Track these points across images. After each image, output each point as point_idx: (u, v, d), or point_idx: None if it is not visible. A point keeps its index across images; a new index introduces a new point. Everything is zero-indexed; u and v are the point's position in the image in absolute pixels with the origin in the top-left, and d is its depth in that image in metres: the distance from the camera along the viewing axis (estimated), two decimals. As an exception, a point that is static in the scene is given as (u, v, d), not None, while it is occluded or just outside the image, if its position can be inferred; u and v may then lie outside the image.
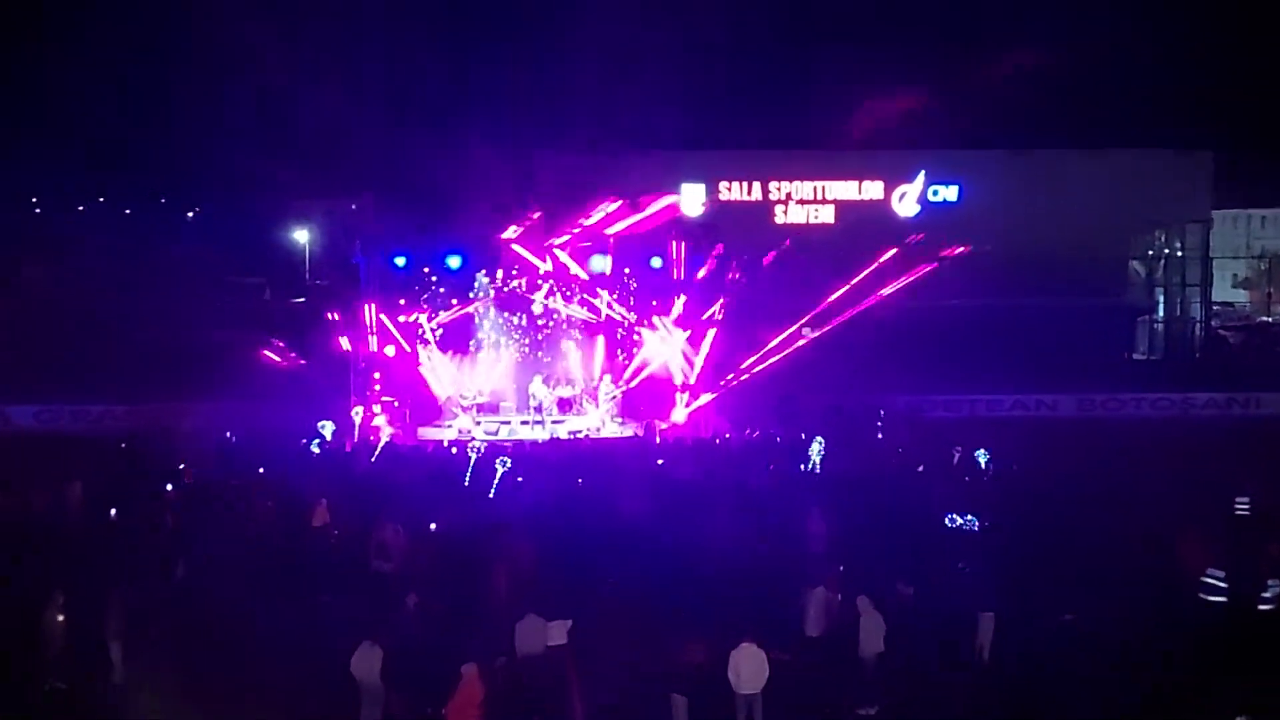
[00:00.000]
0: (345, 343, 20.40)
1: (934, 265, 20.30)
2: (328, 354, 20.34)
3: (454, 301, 21.11)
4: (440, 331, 21.09)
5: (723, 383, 20.25)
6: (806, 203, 27.17)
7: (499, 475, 13.69)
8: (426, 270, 20.70)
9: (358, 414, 19.03)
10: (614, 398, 21.27)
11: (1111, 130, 28.16)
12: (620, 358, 21.77)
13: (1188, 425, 21.01)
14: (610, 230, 20.47)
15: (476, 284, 21.35)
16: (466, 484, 13.85)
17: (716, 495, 12.60)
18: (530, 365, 22.03)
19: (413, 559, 10.88)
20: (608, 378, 21.48)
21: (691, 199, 26.63)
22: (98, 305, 23.65)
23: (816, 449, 15.44)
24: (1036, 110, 28.05)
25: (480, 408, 21.10)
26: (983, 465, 14.79)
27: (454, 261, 20.52)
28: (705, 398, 20.34)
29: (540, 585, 9.76)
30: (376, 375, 20.21)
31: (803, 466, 15.22)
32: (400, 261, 20.32)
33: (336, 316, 20.57)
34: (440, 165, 23.55)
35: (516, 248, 20.35)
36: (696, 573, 10.03)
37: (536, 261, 20.43)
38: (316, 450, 16.44)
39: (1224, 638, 8.87)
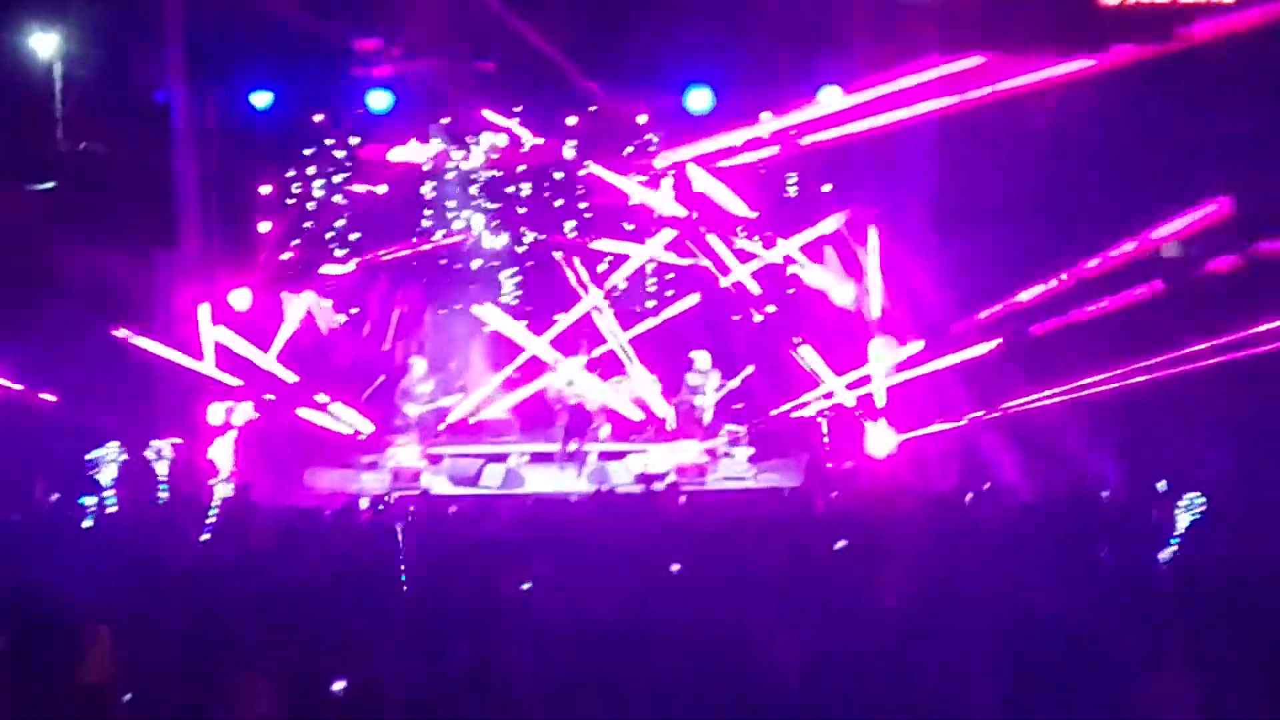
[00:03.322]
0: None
1: None
2: (101, 306, 20.85)
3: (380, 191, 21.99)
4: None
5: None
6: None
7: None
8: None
9: (157, 448, 19.33)
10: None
11: None
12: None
13: None
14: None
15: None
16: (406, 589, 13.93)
17: (967, 626, 12.38)
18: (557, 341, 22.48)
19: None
20: (712, 373, 21.68)
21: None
22: None
23: (1187, 515, 15.44)
24: None
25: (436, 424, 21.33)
26: None
27: (379, 100, 20.93)
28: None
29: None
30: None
31: (1164, 554, 15.17)
32: (262, 101, 21.07)
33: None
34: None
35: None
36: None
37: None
38: (92, 518, 16.70)
39: None
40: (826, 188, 23.04)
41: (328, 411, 21.64)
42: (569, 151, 23.16)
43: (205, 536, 16.00)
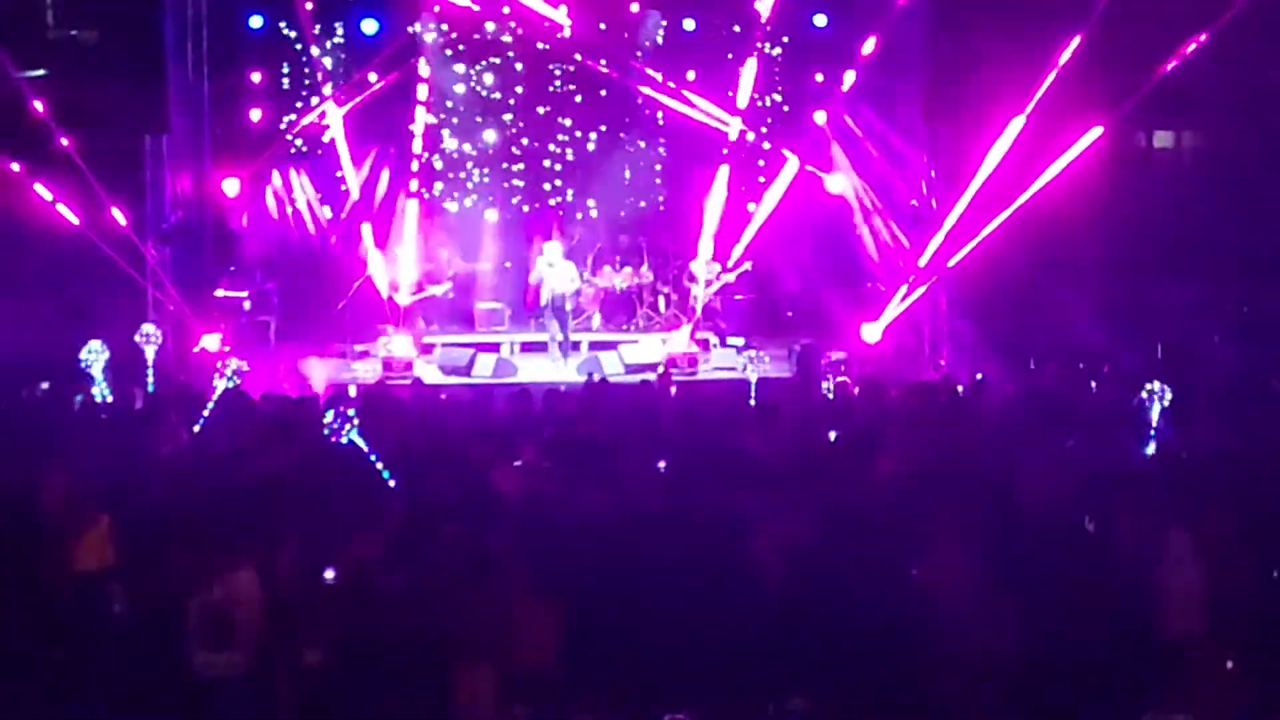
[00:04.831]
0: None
1: None
2: (88, 194, 20.37)
3: (373, 78, 21.90)
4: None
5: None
6: None
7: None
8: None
9: (149, 335, 19.09)
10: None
11: None
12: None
13: None
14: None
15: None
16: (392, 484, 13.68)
17: (958, 516, 12.30)
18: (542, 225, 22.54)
19: (280, 642, 10.76)
20: (711, 264, 21.73)
21: None
22: None
23: (1158, 403, 15.44)
24: None
25: (428, 311, 21.37)
26: None
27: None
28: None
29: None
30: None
31: (1150, 444, 15.14)
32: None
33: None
34: None
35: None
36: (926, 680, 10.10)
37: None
38: (82, 406, 16.66)
39: None
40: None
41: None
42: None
43: (198, 427, 15.91)
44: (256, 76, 22.33)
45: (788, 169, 22.10)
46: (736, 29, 22.97)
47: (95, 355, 17.31)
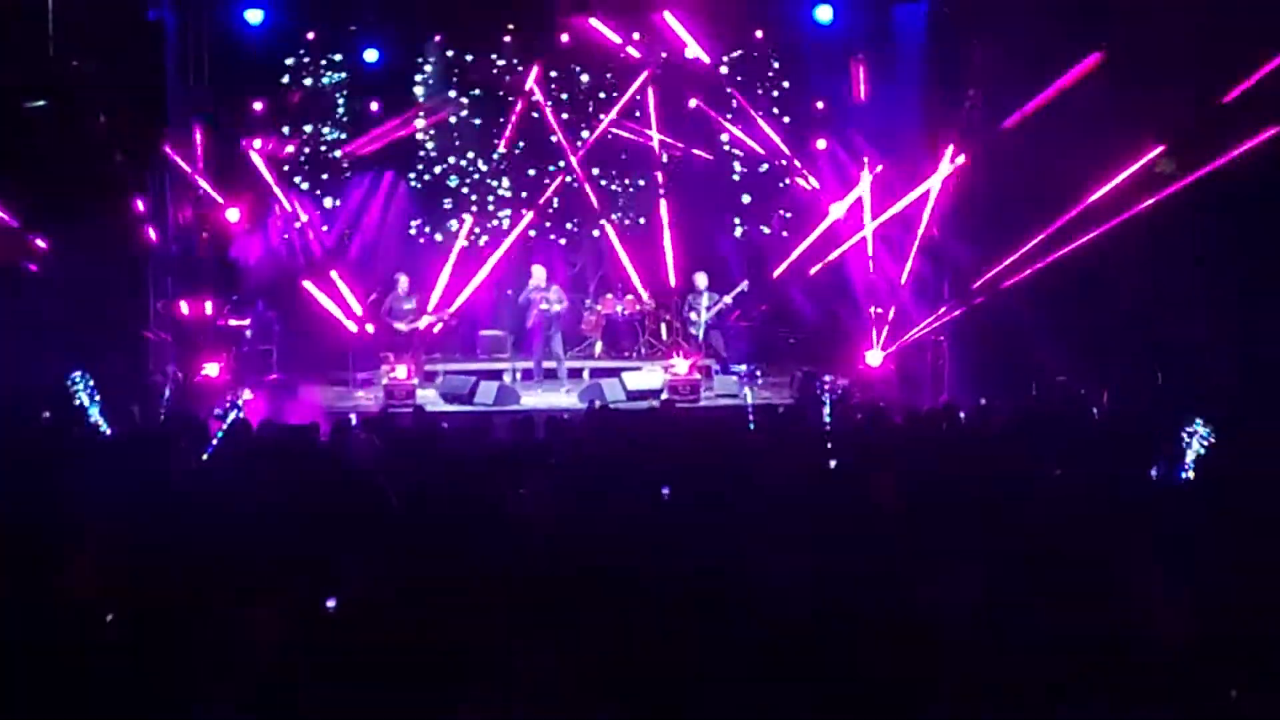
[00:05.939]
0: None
1: None
2: (90, 225, 20.36)
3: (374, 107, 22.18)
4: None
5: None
6: None
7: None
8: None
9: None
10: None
11: None
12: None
13: None
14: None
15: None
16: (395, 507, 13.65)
17: (961, 543, 12.27)
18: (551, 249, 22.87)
19: (279, 679, 10.74)
20: (708, 292, 21.81)
21: None
22: None
23: (1197, 444, 15.06)
24: None
25: (425, 339, 21.58)
26: None
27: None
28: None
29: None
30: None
31: (1156, 471, 14.86)
32: (255, 17, 21.24)
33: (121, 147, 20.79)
34: None
35: None
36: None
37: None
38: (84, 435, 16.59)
39: None
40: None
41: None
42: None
43: (205, 456, 15.92)
44: (259, 105, 22.38)
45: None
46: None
47: (79, 386, 17.38)
